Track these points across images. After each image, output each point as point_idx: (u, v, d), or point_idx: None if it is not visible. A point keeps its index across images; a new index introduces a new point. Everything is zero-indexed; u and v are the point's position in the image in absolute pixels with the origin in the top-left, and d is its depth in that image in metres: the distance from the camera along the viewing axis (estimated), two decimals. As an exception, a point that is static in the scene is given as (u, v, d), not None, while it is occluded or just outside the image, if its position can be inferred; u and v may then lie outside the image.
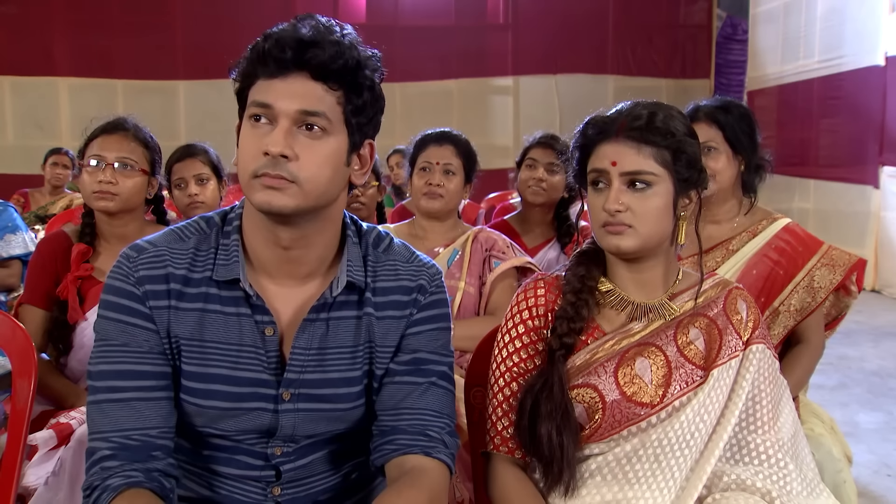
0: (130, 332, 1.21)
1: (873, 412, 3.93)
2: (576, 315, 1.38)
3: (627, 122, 1.34)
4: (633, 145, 1.33)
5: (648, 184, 1.33)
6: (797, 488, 1.33)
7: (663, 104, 1.39)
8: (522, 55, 9.97)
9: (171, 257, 1.24)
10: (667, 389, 1.37)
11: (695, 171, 1.37)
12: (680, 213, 1.38)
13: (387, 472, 1.26)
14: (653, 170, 1.33)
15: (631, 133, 1.33)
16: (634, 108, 1.36)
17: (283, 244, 1.23)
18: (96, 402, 1.20)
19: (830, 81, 7.72)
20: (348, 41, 1.18)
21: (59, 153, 5.60)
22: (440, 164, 2.42)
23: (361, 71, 1.19)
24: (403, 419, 1.28)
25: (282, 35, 1.16)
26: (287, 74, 1.16)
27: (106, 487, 1.14)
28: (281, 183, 1.15)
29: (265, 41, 1.17)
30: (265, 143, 1.15)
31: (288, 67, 1.16)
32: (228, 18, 9.18)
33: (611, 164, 1.34)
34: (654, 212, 1.34)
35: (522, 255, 2.49)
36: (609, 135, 1.35)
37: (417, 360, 1.30)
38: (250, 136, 1.18)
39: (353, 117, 1.20)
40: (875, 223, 7.11)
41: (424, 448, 1.25)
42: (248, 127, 1.19)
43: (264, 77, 1.17)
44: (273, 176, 1.15)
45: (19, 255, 3.21)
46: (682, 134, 1.36)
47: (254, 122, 1.18)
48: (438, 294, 1.34)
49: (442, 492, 1.24)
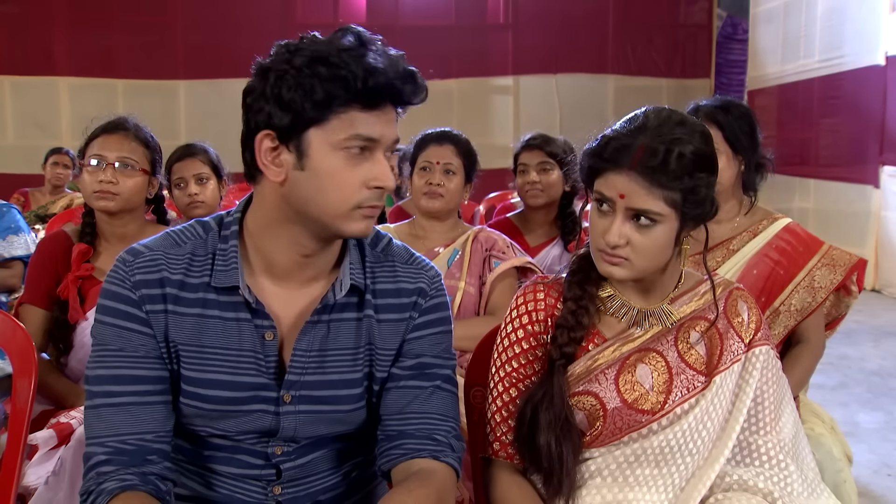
0: (126, 337, 1.21)
1: (873, 412, 3.93)
2: (576, 324, 1.36)
3: (642, 156, 1.25)
4: (643, 184, 1.25)
5: (654, 221, 1.28)
6: (798, 489, 1.33)
7: (687, 125, 1.30)
8: (522, 55, 9.96)
9: (166, 262, 1.23)
10: (668, 396, 1.36)
11: (704, 207, 1.30)
12: (682, 239, 1.34)
13: (393, 476, 1.26)
14: (661, 210, 1.27)
15: (644, 169, 1.25)
16: (654, 137, 1.26)
17: (308, 252, 1.24)
18: (93, 406, 1.20)
19: (831, 81, 7.71)
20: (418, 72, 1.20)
21: (59, 153, 5.61)
22: (440, 163, 2.42)
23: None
24: (410, 424, 1.28)
25: (395, 71, 1.16)
26: (384, 107, 1.18)
27: (101, 491, 1.14)
28: (376, 212, 1.21)
29: (374, 76, 1.14)
30: (378, 178, 1.18)
31: (385, 101, 1.18)
32: (229, 18, 9.19)
33: (619, 196, 1.28)
34: (653, 248, 1.30)
35: (523, 254, 2.49)
36: (621, 165, 1.27)
37: (422, 365, 1.30)
38: (351, 169, 1.17)
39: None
40: (875, 223, 7.10)
41: (432, 452, 1.26)
42: (344, 159, 1.16)
43: (363, 109, 1.15)
44: (378, 207, 1.21)
45: (21, 256, 3.21)
46: (699, 170, 1.27)
47: (352, 155, 1.16)
48: (439, 297, 1.34)
49: (450, 493, 1.25)
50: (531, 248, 2.81)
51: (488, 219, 3.88)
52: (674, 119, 1.30)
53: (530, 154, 2.86)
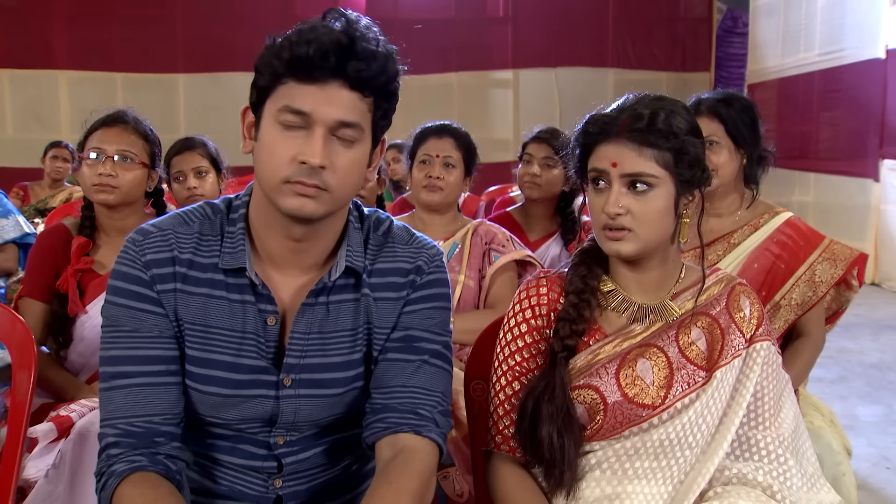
0: (139, 318, 1.22)
1: (873, 405, 3.94)
2: (578, 317, 1.37)
3: (629, 122, 1.30)
4: (633, 147, 1.30)
5: (649, 185, 1.30)
6: (797, 483, 1.33)
7: (667, 99, 1.36)
8: (522, 48, 9.96)
9: (176, 240, 1.24)
10: (668, 391, 1.36)
11: (697, 170, 1.34)
12: (681, 211, 1.36)
13: (377, 450, 1.25)
14: (654, 172, 1.30)
15: (632, 134, 1.30)
16: (636, 106, 1.32)
17: (296, 237, 1.23)
18: (106, 388, 1.21)
19: (831, 74, 7.71)
20: (385, 50, 1.17)
21: (58, 146, 5.61)
22: (440, 156, 2.42)
23: (396, 80, 1.20)
24: (395, 397, 1.27)
25: (322, 40, 1.12)
26: (325, 82, 1.14)
27: (112, 473, 1.16)
28: (315, 192, 1.15)
29: (306, 45, 1.12)
30: (303, 153, 1.14)
31: (325, 75, 1.14)
32: (228, 11, 9.18)
33: (611, 166, 1.31)
34: (654, 214, 1.31)
35: (522, 248, 2.49)
36: (610, 135, 1.32)
37: (409, 338, 1.29)
38: (282, 142, 1.16)
39: (381, 121, 1.22)
40: (875, 216, 7.10)
41: (415, 426, 1.24)
42: (278, 131, 1.16)
43: (297, 81, 1.14)
44: (308, 185, 1.15)
45: (14, 239, 3.20)
46: (685, 133, 1.32)
47: (285, 127, 1.16)
48: (436, 274, 1.33)
49: (431, 473, 1.24)
50: (531, 242, 2.81)
51: (487, 213, 3.88)
52: (651, 95, 1.36)
53: (537, 146, 2.86)
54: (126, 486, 1.14)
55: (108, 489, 1.15)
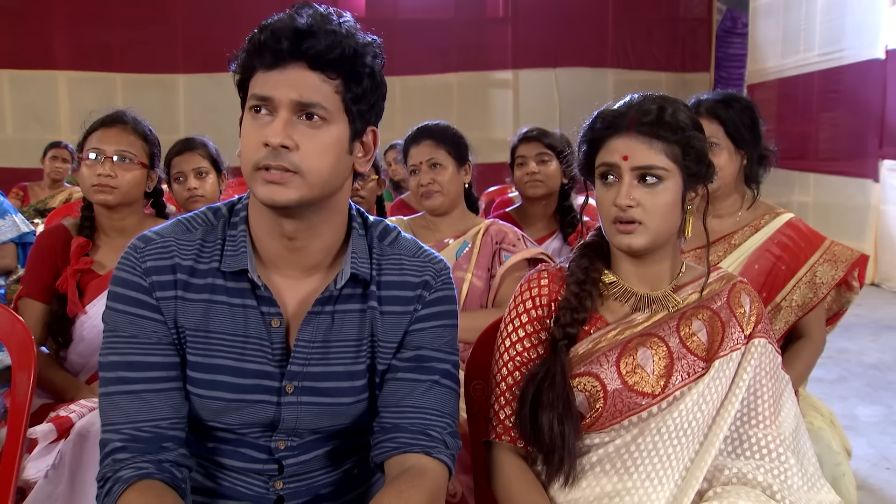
0: (139, 324, 1.22)
1: (872, 405, 3.94)
2: (579, 305, 1.39)
3: (638, 116, 1.34)
4: (644, 140, 1.33)
5: (659, 178, 1.34)
6: (797, 482, 1.33)
7: (669, 97, 1.39)
8: (522, 49, 9.96)
9: (178, 248, 1.24)
10: (668, 380, 1.37)
11: (703, 165, 1.38)
12: (687, 206, 1.39)
13: (386, 469, 1.26)
14: (664, 164, 1.33)
15: (642, 128, 1.33)
16: (644, 102, 1.36)
17: (288, 234, 1.23)
18: (107, 393, 1.21)
19: (831, 75, 7.71)
20: (345, 29, 1.17)
21: (58, 147, 5.61)
22: (423, 162, 2.42)
23: (360, 59, 1.18)
24: (405, 417, 1.27)
25: (278, 25, 1.15)
26: (285, 65, 1.15)
27: (118, 479, 1.15)
28: (284, 176, 1.14)
29: (261, 32, 1.16)
30: (265, 134, 1.15)
31: (285, 58, 1.15)
32: (228, 11, 9.16)
33: (622, 159, 1.34)
34: (663, 207, 1.34)
35: (534, 246, 2.48)
36: (619, 129, 1.35)
37: (420, 358, 1.29)
38: (251, 128, 1.18)
39: (354, 105, 1.19)
40: (875, 217, 7.11)
41: (425, 448, 1.25)
42: (249, 119, 1.18)
43: (262, 69, 1.17)
44: (275, 167, 1.14)
45: (12, 239, 3.20)
46: (691, 128, 1.36)
47: (254, 113, 1.18)
48: (444, 290, 1.32)
49: (441, 493, 1.24)
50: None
51: (487, 213, 3.88)
52: (654, 94, 1.40)
53: (528, 146, 2.87)
54: (132, 493, 1.14)
55: (112, 495, 1.15)
